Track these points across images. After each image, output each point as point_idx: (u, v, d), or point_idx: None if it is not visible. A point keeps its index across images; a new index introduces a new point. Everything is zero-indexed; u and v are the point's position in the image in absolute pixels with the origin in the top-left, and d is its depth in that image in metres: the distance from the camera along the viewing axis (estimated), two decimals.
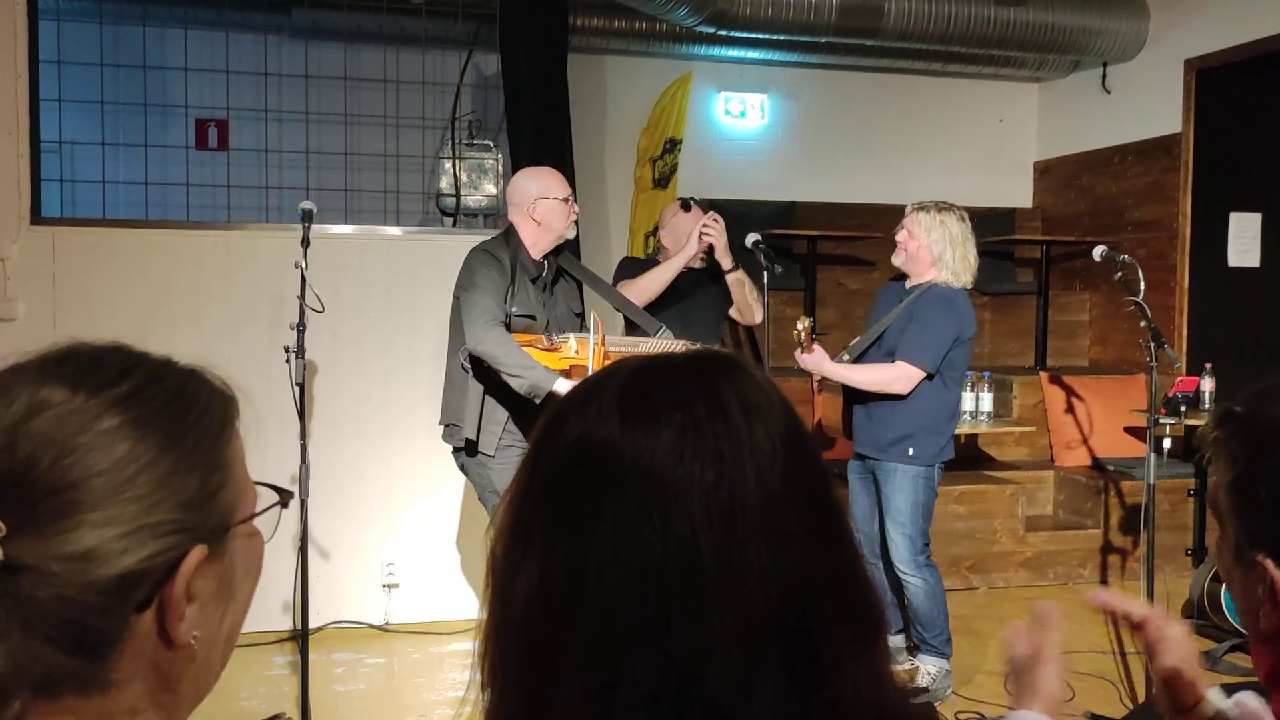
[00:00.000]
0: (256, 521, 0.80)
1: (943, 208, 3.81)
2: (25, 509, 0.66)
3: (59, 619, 0.66)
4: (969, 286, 3.87)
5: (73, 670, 0.67)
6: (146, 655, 0.71)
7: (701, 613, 0.63)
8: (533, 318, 3.51)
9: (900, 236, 3.86)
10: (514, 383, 3.37)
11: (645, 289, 3.99)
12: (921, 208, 3.84)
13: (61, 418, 0.69)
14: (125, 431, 0.70)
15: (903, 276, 3.95)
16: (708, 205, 4.48)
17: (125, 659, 0.70)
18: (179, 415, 0.74)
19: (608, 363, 2.96)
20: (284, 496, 0.83)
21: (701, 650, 0.63)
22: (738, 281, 4.07)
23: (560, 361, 3.44)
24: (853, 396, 3.95)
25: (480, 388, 3.54)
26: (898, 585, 3.91)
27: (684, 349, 3.02)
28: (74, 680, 0.68)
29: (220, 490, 0.75)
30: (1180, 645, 1.18)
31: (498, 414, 3.55)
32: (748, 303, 4.10)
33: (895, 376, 3.75)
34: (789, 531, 0.66)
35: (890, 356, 3.78)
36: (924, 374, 3.73)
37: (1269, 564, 0.98)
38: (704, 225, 4.00)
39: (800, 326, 3.78)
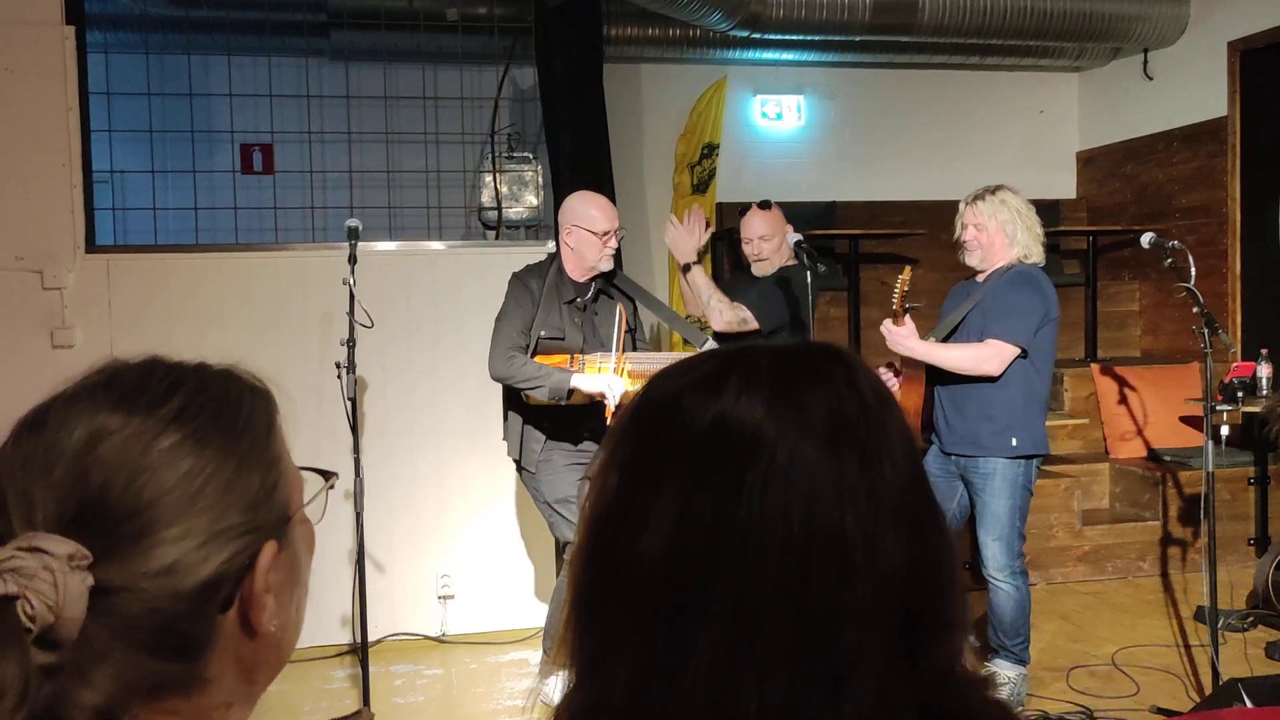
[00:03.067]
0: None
1: (995, 188, 3.71)
2: (107, 534, 0.69)
3: (155, 629, 0.70)
4: (1043, 263, 3.71)
5: (174, 674, 0.71)
6: (232, 650, 0.75)
7: (840, 582, 0.68)
8: (561, 338, 3.57)
9: (968, 235, 3.70)
10: (536, 394, 3.49)
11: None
12: (977, 197, 3.71)
13: (124, 443, 0.72)
14: (186, 447, 0.73)
15: (972, 275, 3.81)
16: (747, 210, 4.41)
17: (216, 656, 0.74)
18: (230, 422, 0.77)
19: (628, 376, 2.91)
20: (329, 478, 0.86)
21: (836, 614, 0.68)
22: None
23: None
24: (939, 392, 3.74)
25: (520, 412, 3.67)
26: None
27: None
28: (175, 683, 0.72)
29: (277, 485, 0.78)
30: None
31: (536, 433, 3.68)
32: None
33: (988, 355, 3.56)
34: (917, 518, 0.71)
35: (976, 341, 3.62)
36: (1017, 351, 3.56)
37: None
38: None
39: (900, 279, 3.59)
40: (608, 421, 3.47)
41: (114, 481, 0.70)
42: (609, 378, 3.44)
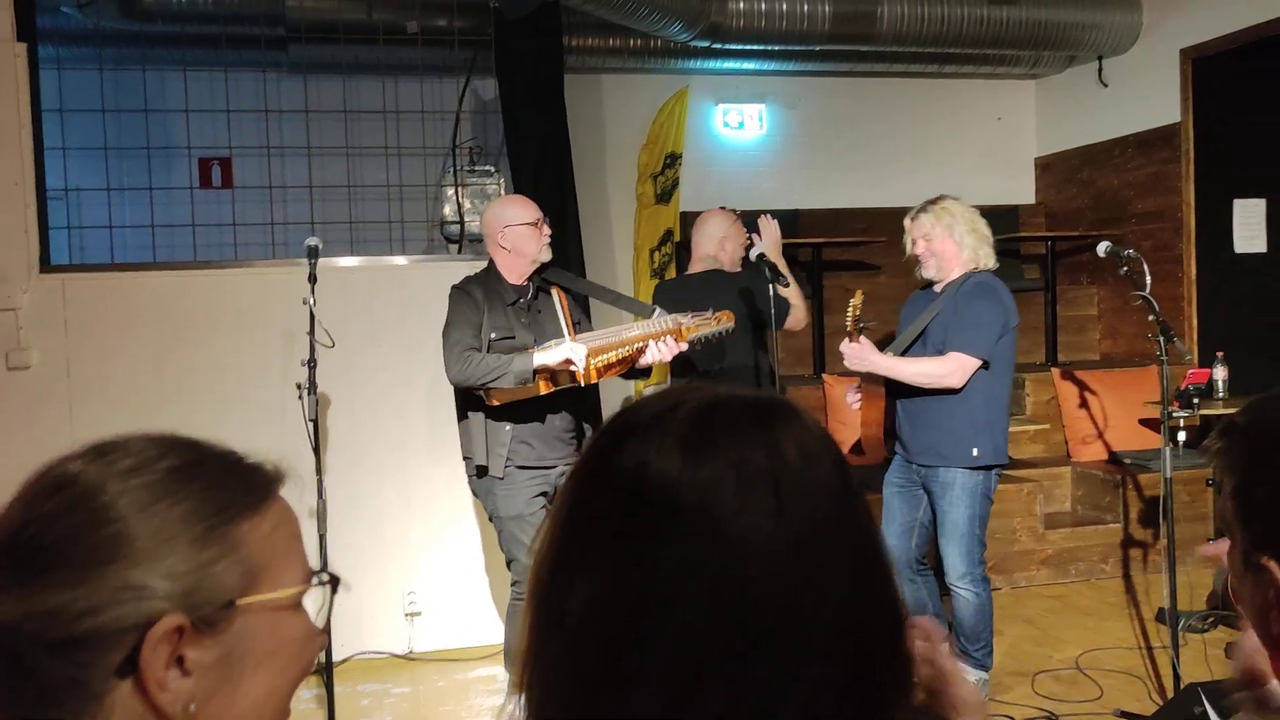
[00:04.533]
0: (314, 612, 0.82)
1: (936, 199, 3.78)
2: (10, 570, 0.72)
3: (36, 669, 0.71)
4: (996, 266, 3.77)
5: (55, 716, 0.72)
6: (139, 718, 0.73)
7: (773, 643, 0.66)
8: (511, 337, 3.60)
9: (919, 249, 3.75)
10: (502, 383, 3.44)
11: None
12: (920, 211, 3.78)
13: (79, 492, 0.75)
14: (105, 500, 0.74)
15: (928, 285, 3.87)
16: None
17: (113, 715, 0.72)
18: (173, 488, 0.76)
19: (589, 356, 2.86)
20: (332, 581, 0.84)
21: (774, 673, 0.66)
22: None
23: None
24: (900, 403, 3.77)
25: (481, 416, 3.63)
26: (938, 596, 3.86)
27: (673, 324, 2.99)
28: None
29: (214, 565, 0.75)
30: None
31: (501, 436, 3.63)
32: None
33: (950, 369, 3.58)
34: (854, 568, 0.70)
35: (938, 353, 3.65)
36: (979, 363, 3.59)
37: (1274, 565, 0.97)
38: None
39: (852, 304, 3.63)
40: (582, 384, 3.47)
41: (29, 522, 0.73)
42: (568, 346, 3.43)
